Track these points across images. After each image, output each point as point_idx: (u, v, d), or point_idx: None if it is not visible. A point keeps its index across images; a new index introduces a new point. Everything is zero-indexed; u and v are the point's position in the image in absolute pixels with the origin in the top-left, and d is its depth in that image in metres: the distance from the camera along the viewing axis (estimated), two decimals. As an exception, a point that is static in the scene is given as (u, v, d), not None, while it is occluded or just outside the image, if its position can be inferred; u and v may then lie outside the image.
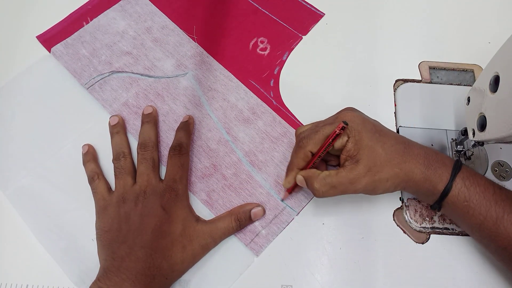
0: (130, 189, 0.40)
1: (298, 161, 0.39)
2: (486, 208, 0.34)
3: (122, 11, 0.52)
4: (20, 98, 0.47)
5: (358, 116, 0.38)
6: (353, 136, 0.36)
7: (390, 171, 0.36)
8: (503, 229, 0.33)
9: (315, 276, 0.39)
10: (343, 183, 0.36)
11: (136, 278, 0.35)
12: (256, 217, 0.41)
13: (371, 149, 0.36)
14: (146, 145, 0.42)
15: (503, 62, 0.33)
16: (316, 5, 0.54)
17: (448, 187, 0.35)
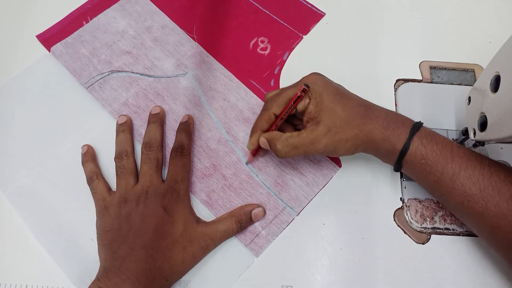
0: (132, 189, 0.40)
1: (262, 123, 0.40)
2: (443, 165, 0.35)
3: (122, 10, 0.52)
4: (20, 97, 0.47)
5: (320, 78, 0.39)
6: (314, 98, 0.38)
7: (350, 132, 0.37)
8: (459, 184, 0.34)
9: (316, 277, 0.39)
10: (304, 144, 0.37)
11: (136, 279, 0.35)
12: (257, 218, 0.41)
13: (331, 110, 0.37)
14: (151, 145, 0.42)
15: (504, 62, 0.32)
16: (316, 4, 0.54)
17: (405, 146, 0.35)
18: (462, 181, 0.34)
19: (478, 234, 0.37)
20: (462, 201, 0.34)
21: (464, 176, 0.34)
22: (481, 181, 0.33)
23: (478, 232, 0.36)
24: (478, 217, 0.34)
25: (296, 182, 0.43)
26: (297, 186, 0.43)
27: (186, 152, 0.42)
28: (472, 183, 0.34)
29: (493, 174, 0.34)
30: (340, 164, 0.44)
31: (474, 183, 0.34)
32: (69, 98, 0.47)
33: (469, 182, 0.34)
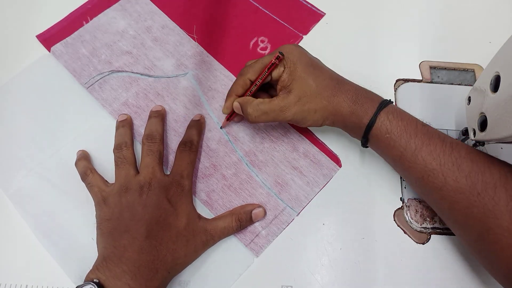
0: (134, 179, 0.39)
1: (237, 88, 0.41)
2: (406, 140, 0.35)
3: (122, 10, 0.52)
4: (20, 97, 0.47)
5: (296, 49, 0.40)
6: (288, 67, 0.39)
7: (319, 103, 0.38)
8: (420, 159, 0.35)
9: (315, 277, 0.39)
10: (274, 110, 0.38)
11: (138, 271, 0.34)
12: (257, 218, 0.41)
13: (303, 80, 0.38)
14: (153, 137, 0.42)
15: (504, 62, 0.32)
16: (316, 4, 0.54)
17: (372, 120, 0.36)
18: (423, 156, 0.35)
19: (438, 210, 0.37)
20: (423, 176, 0.35)
21: (425, 151, 0.35)
22: (442, 157, 0.34)
23: (438, 208, 0.37)
24: (437, 192, 0.34)
25: (296, 182, 0.43)
26: (297, 186, 0.43)
27: (195, 148, 0.42)
28: (432, 158, 0.34)
29: (454, 151, 0.34)
30: (340, 164, 0.44)
31: (435, 158, 0.34)
32: (69, 98, 0.47)
33: (430, 157, 0.34)
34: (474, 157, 0.34)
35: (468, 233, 0.34)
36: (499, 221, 0.31)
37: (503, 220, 0.31)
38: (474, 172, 0.33)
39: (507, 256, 0.31)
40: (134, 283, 0.33)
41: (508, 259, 0.31)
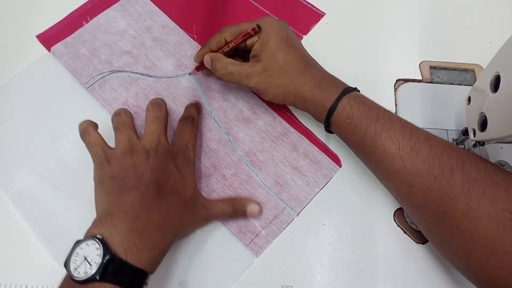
0: (138, 143, 0.37)
1: (212, 42, 0.43)
2: (367, 125, 0.36)
3: (122, 10, 0.52)
4: (20, 97, 0.47)
5: (276, 23, 0.40)
6: (262, 38, 0.40)
7: (282, 80, 0.39)
8: (380, 144, 0.35)
9: (316, 277, 0.39)
10: (240, 73, 0.40)
11: (146, 231, 0.32)
12: (252, 213, 0.41)
13: (273, 53, 0.39)
14: (160, 105, 0.40)
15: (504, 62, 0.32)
16: (316, 4, 0.54)
17: (333, 105, 0.37)
18: (383, 140, 0.35)
19: (397, 195, 0.37)
20: (382, 160, 0.35)
21: (385, 136, 0.35)
22: (401, 141, 0.34)
23: (397, 193, 0.37)
24: (395, 176, 0.35)
25: (296, 182, 0.43)
26: (297, 186, 0.43)
27: (196, 123, 0.43)
28: (391, 142, 0.35)
29: (413, 136, 0.34)
30: (340, 164, 0.44)
31: (394, 143, 0.35)
32: (69, 98, 0.47)
33: (389, 142, 0.35)
34: (433, 143, 0.34)
35: (426, 218, 0.34)
36: (455, 204, 0.31)
37: (459, 203, 0.31)
38: (432, 156, 0.33)
39: (464, 241, 0.31)
40: (141, 244, 0.31)
41: (466, 244, 0.31)
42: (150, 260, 0.32)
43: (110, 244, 0.31)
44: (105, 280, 0.30)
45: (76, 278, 0.30)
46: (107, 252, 0.30)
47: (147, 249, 0.32)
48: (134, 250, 0.31)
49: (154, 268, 0.33)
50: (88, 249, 0.30)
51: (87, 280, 0.30)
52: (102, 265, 0.30)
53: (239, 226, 0.41)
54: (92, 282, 0.30)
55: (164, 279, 0.39)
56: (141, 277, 0.31)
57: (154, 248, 0.32)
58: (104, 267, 0.30)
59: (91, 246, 0.30)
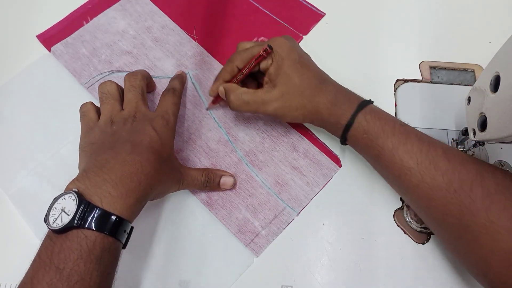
0: (119, 114, 0.39)
1: (224, 73, 0.42)
2: (384, 139, 0.36)
3: (122, 10, 0.52)
4: (20, 97, 0.47)
5: (286, 43, 0.40)
6: (276, 61, 0.39)
7: (300, 101, 0.39)
8: (398, 158, 0.35)
9: (315, 277, 0.39)
10: (256, 102, 0.39)
11: (120, 181, 0.32)
12: (225, 185, 0.41)
13: (288, 77, 0.38)
14: (135, 74, 0.42)
15: (504, 62, 0.32)
16: (316, 5, 0.54)
17: (349, 121, 0.37)
18: (400, 154, 0.35)
19: (416, 209, 0.37)
20: (400, 174, 0.35)
21: (402, 150, 0.35)
22: (419, 155, 0.34)
23: (416, 207, 0.37)
24: (414, 190, 0.35)
25: (296, 182, 0.43)
26: (297, 186, 0.43)
27: (178, 93, 0.43)
28: (409, 157, 0.35)
29: (431, 149, 0.34)
30: (340, 164, 0.44)
31: (412, 157, 0.34)
32: (69, 98, 0.47)
33: (406, 156, 0.35)
34: (451, 156, 0.34)
35: (446, 231, 0.34)
36: (475, 218, 0.31)
37: (480, 217, 0.31)
38: (451, 170, 0.33)
39: (485, 254, 0.31)
40: (115, 191, 0.32)
41: (486, 257, 0.31)
42: (126, 206, 0.32)
43: (85, 195, 0.31)
44: (82, 227, 0.30)
45: (55, 228, 0.30)
46: (82, 201, 0.31)
47: (121, 196, 0.32)
48: (108, 198, 0.31)
49: (131, 216, 0.33)
50: (64, 202, 0.31)
51: (65, 228, 0.30)
52: (78, 212, 0.30)
53: (239, 226, 0.41)
54: (70, 230, 0.30)
55: (164, 279, 0.39)
56: (119, 223, 0.32)
57: (128, 196, 0.32)
58: (80, 213, 0.30)
59: (68, 199, 0.31)
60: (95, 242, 0.30)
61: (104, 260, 0.31)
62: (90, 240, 0.30)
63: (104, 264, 0.31)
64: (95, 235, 0.30)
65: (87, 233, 0.30)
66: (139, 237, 0.40)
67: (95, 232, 0.30)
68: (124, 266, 0.36)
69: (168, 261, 0.40)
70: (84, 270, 0.29)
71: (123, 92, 0.42)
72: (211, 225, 0.41)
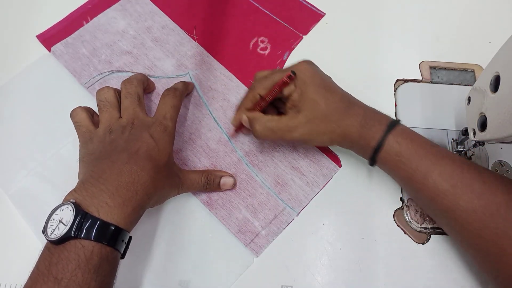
0: (117, 122, 0.39)
1: (246, 102, 0.41)
2: (416, 161, 0.35)
3: (123, 10, 0.52)
4: (20, 97, 0.47)
5: (309, 68, 0.39)
6: (299, 87, 0.38)
7: (328, 126, 0.38)
8: (431, 181, 0.34)
9: (315, 277, 0.39)
10: (282, 129, 0.38)
11: (116, 191, 0.33)
12: (225, 185, 0.41)
13: (314, 102, 0.38)
14: (130, 80, 0.42)
15: (504, 62, 0.33)
16: (316, 4, 0.54)
17: (379, 143, 0.36)
18: (434, 177, 0.34)
19: (449, 231, 0.37)
20: (434, 197, 0.34)
21: (436, 173, 0.34)
22: (453, 178, 0.34)
23: (449, 229, 0.36)
24: (449, 213, 0.34)
25: (296, 182, 0.43)
26: (297, 186, 0.43)
27: (178, 94, 0.42)
28: (443, 180, 0.34)
29: (464, 171, 0.34)
30: (340, 164, 0.44)
31: (446, 180, 0.34)
32: (69, 98, 0.47)
33: (441, 179, 0.34)
34: (485, 177, 0.33)
35: (482, 255, 0.34)
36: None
37: None
38: (486, 193, 0.32)
39: None
40: (112, 201, 0.32)
41: None
42: (123, 216, 0.32)
43: (82, 205, 0.31)
44: (79, 236, 0.30)
45: (53, 239, 0.30)
46: (79, 211, 0.31)
47: (118, 206, 0.32)
48: (105, 207, 0.32)
49: (129, 225, 0.33)
50: (62, 213, 0.31)
51: (63, 239, 0.30)
52: (75, 222, 0.30)
53: (239, 226, 0.41)
54: (68, 241, 0.30)
55: (164, 278, 0.39)
56: (116, 233, 0.32)
57: (125, 205, 0.33)
58: (78, 224, 0.30)
59: (65, 210, 0.31)
60: (92, 252, 0.30)
61: (102, 270, 0.31)
62: (88, 250, 0.30)
63: (103, 274, 0.31)
64: (93, 245, 0.30)
65: (85, 243, 0.30)
66: (139, 237, 0.40)
67: (93, 242, 0.30)
68: (124, 266, 0.36)
69: (168, 261, 0.40)
70: (82, 280, 0.29)
71: None
72: (211, 225, 0.41)
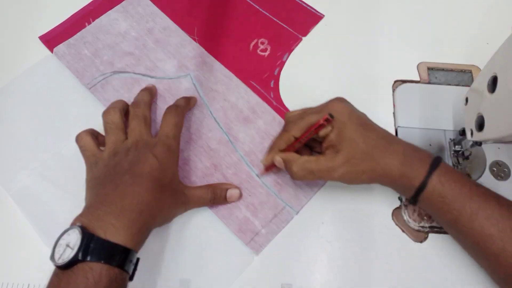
0: (122, 144, 0.39)
1: (280, 142, 0.40)
2: (461, 204, 0.34)
3: (124, 12, 0.53)
4: (22, 98, 0.48)
5: (345, 107, 0.38)
6: (337, 127, 0.37)
7: (368, 165, 0.37)
8: (477, 224, 0.34)
9: (315, 275, 0.40)
10: (321, 170, 0.37)
11: (121, 212, 0.33)
12: (232, 198, 0.41)
13: (352, 141, 0.37)
14: (138, 103, 0.43)
15: (501, 63, 0.33)
16: (315, 6, 0.54)
17: (423, 183, 0.35)
18: (480, 221, 0.33)
19: (492, 275, 0.36)
20: (479, 241, 0.34)
21: (482, 216, 0.33)
22: (501, 222, 0.33)
23: (493, 273, 0.36)
24: (494, 258, 0.33)
25: (296, 181, 0.43)
26: (296, 186, 0.43)
27: (180, 111, 0.43)
28: (490, 224, 0.33)
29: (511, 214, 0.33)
30: (339, 164, 0.44)
31: (493, 224, 0.33)
32: (71, 98, 0.48)
33: (487, 222, 0.33)
34: None
35: None
36: None
37: None
38: None
39: None
40: (118, 223, 0.32)
41: None
42: (129, 236, 0.32)
43: (89, 228, 0.32)
44: (87, 259, 0.30)
45: (60, 264, 0.30)
46: (86, 234, 0.31)
47: (124, 227, 0.32)
48: (112, 229, 0.32)
49: (136, 245, 0.33)
50: (69, 237, 0.31)
51: (71, 262, 0.30)
52: (82, 245, 0.30)
53: (239, 225, 0.41)
54: (75, 264, 0.30)
55: (165, 277, 0.39)
56: (124, 253, 0.32)
57: (131, 226, 0.33)
58: (85, 246, 0.30)
59: (72, 234, 0.31)
60: (101, 274, 0.30)
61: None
62: (96, 272, 0.30)
63: None
64: (100, 267, 0.30)
65: (93, 265, 0.30)
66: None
67: (100, 264, 0.30)
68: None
69: (169, 260, 0.40)
70: None
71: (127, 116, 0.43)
72: (212, 224, 0.42)
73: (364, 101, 0.48)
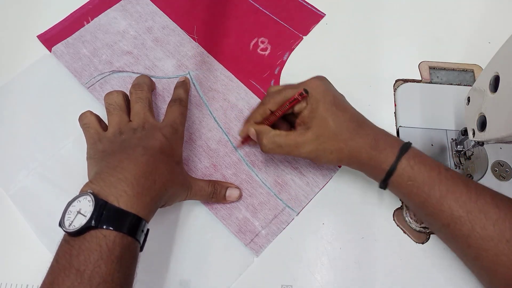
0: (127, 125, 0.38)
1: (256, 115, 0.41)
2: (430, 186, 0.34)
3: (123, 10, 0.53)
4: (21, 97, 0.48)
5: (321, 85, 0.39)
6: (310, 104, 0.38)
7: (336, 145, 0.37)
8: (446, 206, 0.34)
9: (315, 276, 0.39)
10: (289, 145, 0.38)
11: (135, 179, 0.32)
12: (231, 196, 0.41)
13: (323, 119, 0.37)
14: (141, 85, 0.42)
15: (503, 62, 0.33)
16: (316, 5, 0.54)
17: (392, 167, 0.35)
18: (449, 203, 0.34)
19: (462, 257, 0.36)
20: (449, 223, 0.34)
21: (451, 199, 0.34)
22: (468, 204, 0.33)
23: (463, 255, 0.36)
24: (464, 239, 0.34)
25: (296, 182, 0.43)
26: (297, 186, 0.43)
27: (184, 103, 0.43)
28: (459, 206, 0.33)
29: (480, 197, 0.34)
30: (340, 164, 0.44)
31: (461, 206, 0.33)
32: (70, 98, 0.48)
33: (456, 204, 0.34)
34: (500, 203, 0.33)
35: (497, 281, 0.33)
36: None
37: None
38: (501, 219, 0.32)
39: None
40: (131, 190, 0.31)
41: None
42: (142, 205, 0.32)
43: (101, 195, 0.31)
44: (100, 226, 0.29)
45: (72, 230, 0.30)
46: (99, 201, 0.30)
47: (137, 195, 0.32)
48: (125, 197, 0.31)
49: (148, 215, 0.33)
50: (80, 204, 0.30)
51: (83, 229, 0.29)
52: (95, 212, 0.29)
53: (239, 226, 0.41)
54: (88, 231, 0.30)
55: (165, 278, 0.39)
56: (137, 222, 0.31)
57: (144, 194, 0.32)
58: (98, 213, 0.30)
59: (83, 201, 0.30)
60: (114, 242, 0.30)
61: (124, 261, 0.30)
62: (110, 240, 0.29)
63: (125, 265, 0.30)
64: (114, 234, 0.30)
65: (106, 232, 0.30)
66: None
67: (114, 232, 0.30)
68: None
69: (169, 261, 0.40)
70: (105, 272, 0.29)
71: (129, 102, 0.42)
72: (211, 224, 0.41)
73: (365, 100, 0.48)
